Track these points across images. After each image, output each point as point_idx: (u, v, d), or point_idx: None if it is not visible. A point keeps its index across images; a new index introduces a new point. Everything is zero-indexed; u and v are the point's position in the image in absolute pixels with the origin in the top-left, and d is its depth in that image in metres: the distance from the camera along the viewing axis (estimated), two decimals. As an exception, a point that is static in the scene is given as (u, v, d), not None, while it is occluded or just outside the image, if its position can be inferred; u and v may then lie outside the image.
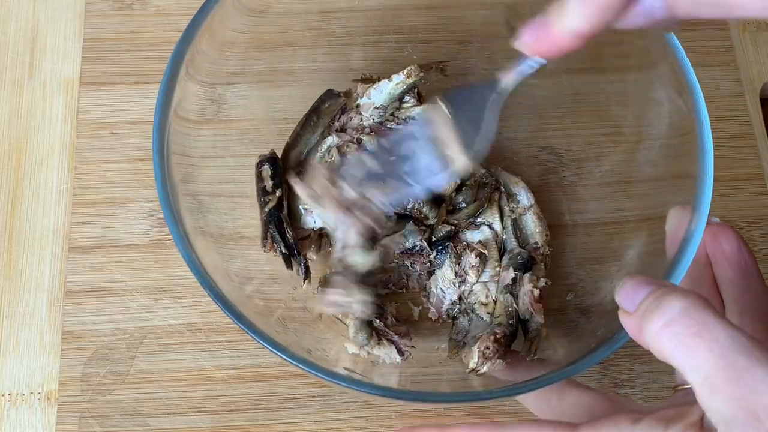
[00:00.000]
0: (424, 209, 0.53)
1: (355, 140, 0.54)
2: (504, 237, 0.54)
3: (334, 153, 0.53)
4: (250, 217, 0.51)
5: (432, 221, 0.53)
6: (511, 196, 0.55)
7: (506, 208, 0.54)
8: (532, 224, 0.54)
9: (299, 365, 0.39)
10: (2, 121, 0.59)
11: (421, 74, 0.53)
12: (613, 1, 0.32)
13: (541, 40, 0.35)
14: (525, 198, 0.55)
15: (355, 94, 0.55)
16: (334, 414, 0.52)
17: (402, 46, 0.57)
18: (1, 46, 0.62)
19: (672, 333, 0.32)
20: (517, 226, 0.54)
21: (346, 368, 0.47)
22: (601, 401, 0.42)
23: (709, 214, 0.41)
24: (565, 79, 0.55)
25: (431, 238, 0.53)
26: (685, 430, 0.33)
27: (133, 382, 0.53)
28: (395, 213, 0.52)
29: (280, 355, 0.40)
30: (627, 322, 0.35)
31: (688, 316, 0.32)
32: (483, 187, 0.54)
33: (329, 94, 0.55)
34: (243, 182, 0.52)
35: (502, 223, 0.54)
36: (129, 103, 0.59)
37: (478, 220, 0.53)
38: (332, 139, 0.54)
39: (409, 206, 0.53)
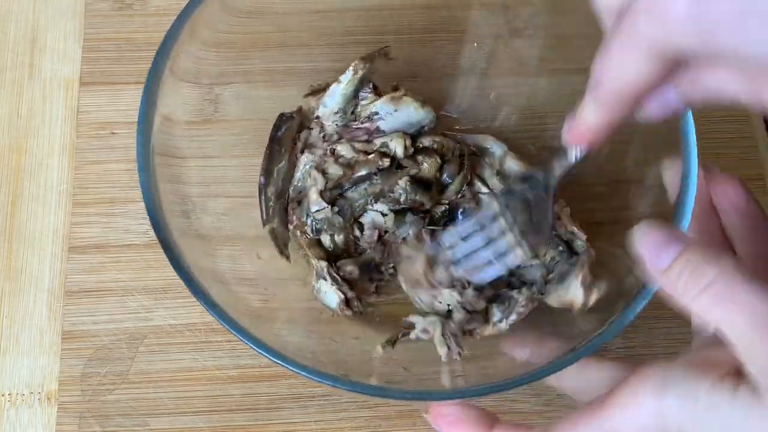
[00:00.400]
0: (417, 197, 0.53)
1: (328, 152, 0.54)
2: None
3: (315, 174, 0.53)
4: (247, 218, 0.51)
5: (428, 205, 0.53)
6: (485, 153, 0.55)
7: (486, 170, 0.55)
8: (515, 167, 0.55)
9: (302, 373, 0.40)
10: (2, 121, 0.60)
11: (367, 65, 0.53)
12: (623, 101, 0.34)
13: (572, 134, 0.39)
14: (497, 148, 0.55)
15: (309, 108, 0.55)
16: (334, 414, 0.52)
17: (401, 45, 0.57)
18: (1, 46, 0.62)
19: (708, 297, 0.34)
20: (504, 177, 0.55)
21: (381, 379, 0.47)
22: (623, 371, 0.42)
23: (710, 164, 0.42)
24: (565, 79, 0.55)
25: (432, 222, 0.53)
26: (723, 378, 0.34)
27: (133, 382, 0.53)
28: (392, 210, 0.53)
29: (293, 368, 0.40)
30: (660, 278, 0.36)
31: (722, 281, 0.34)
32: (463, 157, 0.55)
33: (282, 119, 0.54)
34: (241, 182, 0.52)
35: (488, 185, 0.54)
36: (129, 103, 0.59)
37: (468, 194, 0.54)
38: (306, 158, 0.54)
39: (402, 198, 0.53)
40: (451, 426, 0.41)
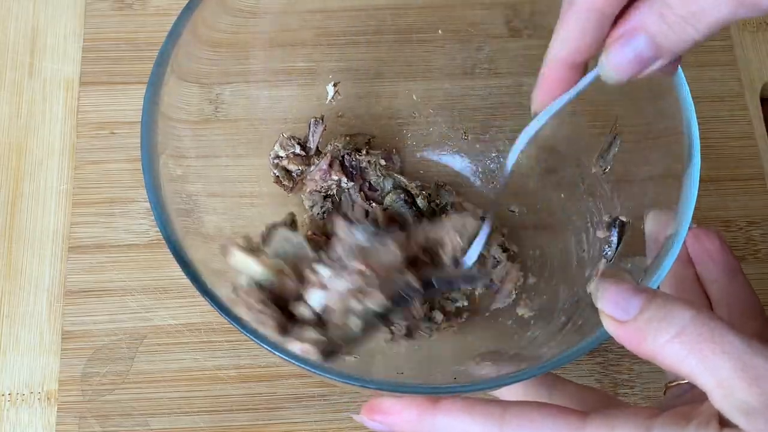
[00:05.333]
0: None
1: None
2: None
3: None
4: (246, 217, 0.51)
5: None
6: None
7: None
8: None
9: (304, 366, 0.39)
10: (2, 121, 0.60)
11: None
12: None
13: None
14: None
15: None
16: (333, 414, 0.52)
17: (401, 45, 0.57)
18: (1, 46, 0.62)
19: (683, 341, 0.32)
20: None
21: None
22: (593, 394, 0.42)
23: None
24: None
25: None
26: (708, 421, 0.33)
27: (133, 382, 0.53)
28: None
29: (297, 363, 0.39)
30: (621, 330, 0.34)
31: (699, 323, 0.33)
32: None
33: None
34: (241, 182, 0.52)
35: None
36: (129, 103, 0.59)
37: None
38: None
39: None
40: (388, 415, 0.36)
